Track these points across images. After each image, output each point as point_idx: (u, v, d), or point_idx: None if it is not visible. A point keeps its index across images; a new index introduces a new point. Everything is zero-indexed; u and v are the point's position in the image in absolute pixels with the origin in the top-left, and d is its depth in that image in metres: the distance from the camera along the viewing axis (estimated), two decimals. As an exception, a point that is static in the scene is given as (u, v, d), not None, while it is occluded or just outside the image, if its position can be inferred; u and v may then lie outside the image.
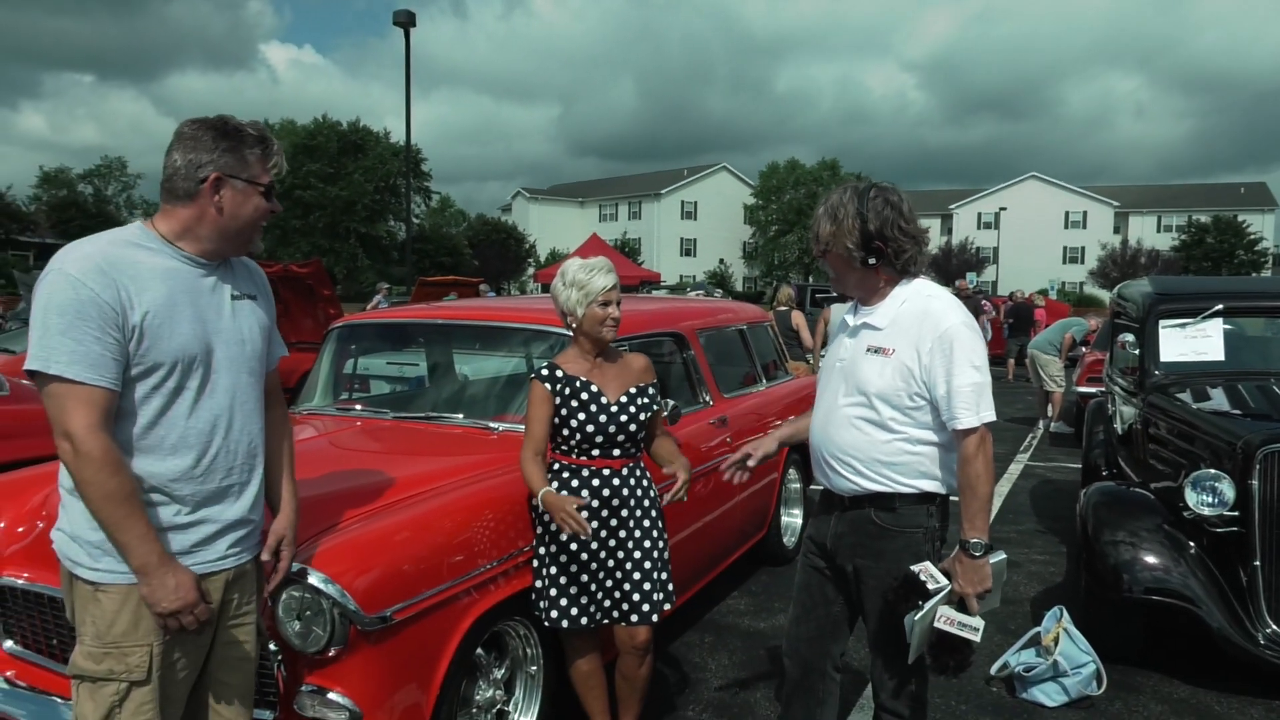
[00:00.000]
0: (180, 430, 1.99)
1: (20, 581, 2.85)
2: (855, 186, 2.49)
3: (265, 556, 2.23)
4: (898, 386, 2.43)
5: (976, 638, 2.37)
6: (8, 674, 2.90)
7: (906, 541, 2.49)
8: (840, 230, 2.44)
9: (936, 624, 2.38)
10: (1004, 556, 2.49)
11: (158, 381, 1.95)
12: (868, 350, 2.50)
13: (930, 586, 2.39)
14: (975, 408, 2.36)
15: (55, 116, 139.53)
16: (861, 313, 2.58)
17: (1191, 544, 3.92)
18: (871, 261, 2.45)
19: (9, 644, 2.95)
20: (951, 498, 2.53)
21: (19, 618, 2.91)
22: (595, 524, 2.92)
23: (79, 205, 50.50)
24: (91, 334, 1.84)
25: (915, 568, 2.43)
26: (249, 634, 2.19)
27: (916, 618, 2.37)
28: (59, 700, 2.78)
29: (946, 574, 2.41)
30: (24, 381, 5.52)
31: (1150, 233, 61.86)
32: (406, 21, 18.26)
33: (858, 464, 2.51)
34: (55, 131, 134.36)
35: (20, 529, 2.95)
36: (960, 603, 2.40)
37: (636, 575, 2.97)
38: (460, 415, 3.87)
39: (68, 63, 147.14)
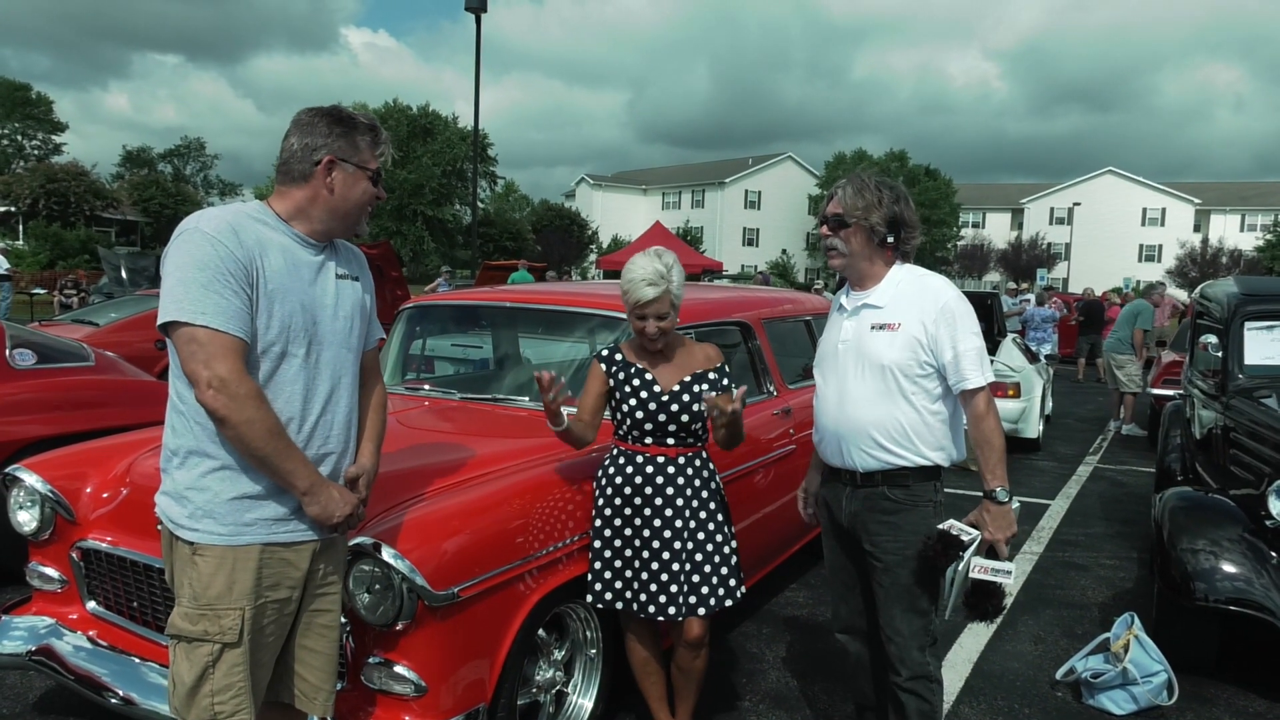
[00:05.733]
0: (286, 395, 2.05)
1: (104, 545, 2.96)
2: (871, 174, 2.70)
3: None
4: (908, 357, 2.59)
5: (1009, 580, 2.53)
6: (90, 633, 3.02)
7: (919, 515, 2.65)
8: (870, 206, 2.63)
9: (972, 574, 2.53)
10: (1019, 504, 2.65)
11: (265, 346, 2.01)
12: (872, 328, 2.65)
13: (964, 539, 2.52)
14: (980, 368, 2.56)
15: (139, 97, 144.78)
16: (855, 296, 2.75)
17: (1274, 554, 3.77)
18: (890, 240, 2.64)
19: (92, 604, 3.07)
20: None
21: (102, 580, 3.03)
22: (649, 511, 2.92)
23: (159, 184, 51.78)
24: (231, 288, 1.93)
25: (943, 525, 2.57)
26: (334, 603, 2.24)
27: (959, 569, 2.51)
28: (137, 659, 2.89)
29: (974, 526, 2.56)
30: (107, 353, 5.70)
31: (1233, 231, 59.54)
32: (478, 7, 18.37)
33: (880, 437, 2.64)
34: (138, 111, 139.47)
35: (105, 494, 3.06)
36: (990, 550, 2.55)
37: (689, 568, 2.92)
38: (526, 398, 3.89)
39: (157, 43, 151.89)
